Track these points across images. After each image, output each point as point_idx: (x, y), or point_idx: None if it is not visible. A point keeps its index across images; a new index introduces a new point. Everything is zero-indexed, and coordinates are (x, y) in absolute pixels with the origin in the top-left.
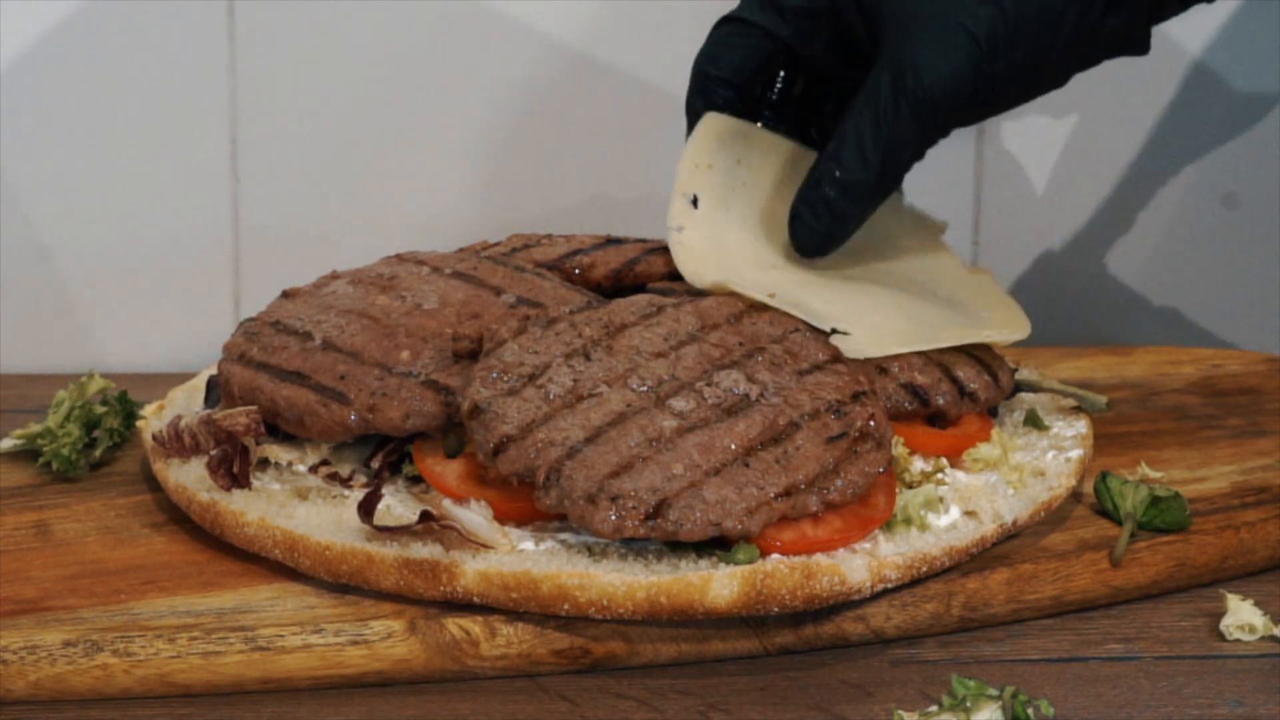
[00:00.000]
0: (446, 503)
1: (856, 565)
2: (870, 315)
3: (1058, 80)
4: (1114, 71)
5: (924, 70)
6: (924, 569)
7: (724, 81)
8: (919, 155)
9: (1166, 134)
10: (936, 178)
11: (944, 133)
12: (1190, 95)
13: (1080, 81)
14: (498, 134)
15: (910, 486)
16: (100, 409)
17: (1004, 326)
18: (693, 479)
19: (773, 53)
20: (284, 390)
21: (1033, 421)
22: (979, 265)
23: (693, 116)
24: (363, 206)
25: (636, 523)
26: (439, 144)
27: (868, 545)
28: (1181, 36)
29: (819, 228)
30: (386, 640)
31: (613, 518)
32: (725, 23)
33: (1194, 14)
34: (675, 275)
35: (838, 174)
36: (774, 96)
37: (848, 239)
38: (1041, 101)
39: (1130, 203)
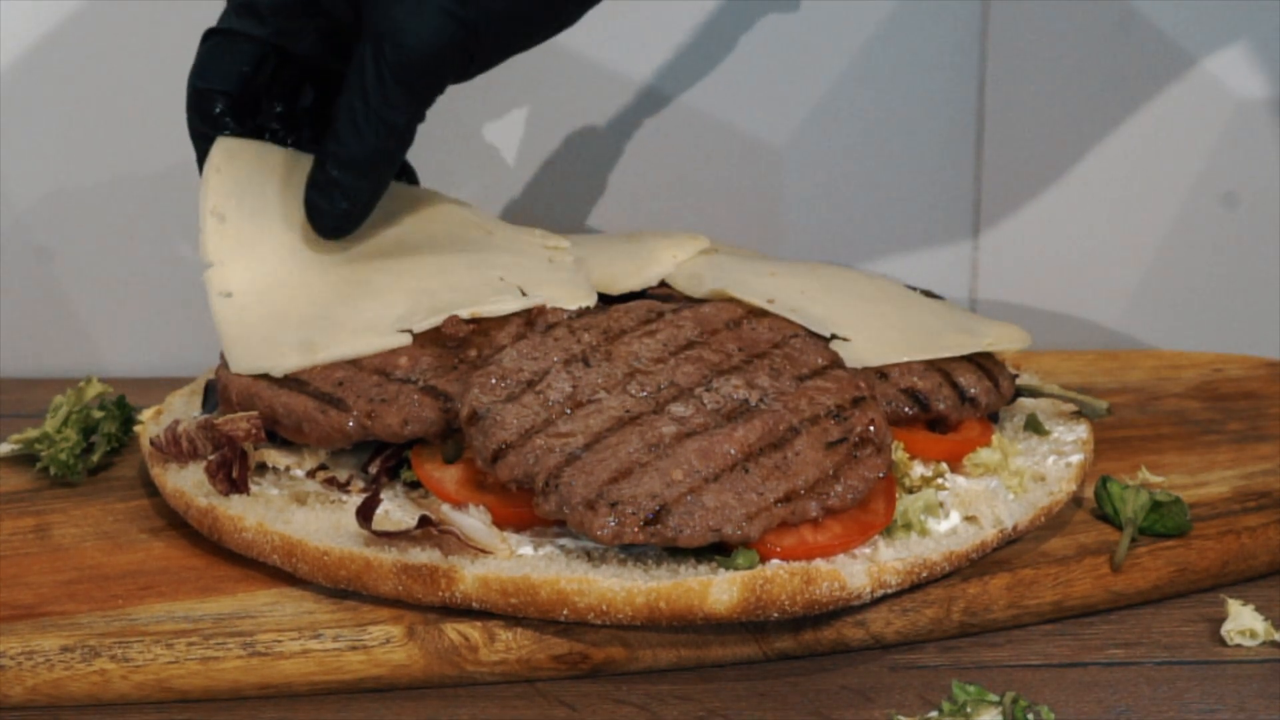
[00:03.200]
0: (445, 508)
1: (856, 570)
2: (870, 322)
3: (563, 17)
4: (1114, 72)
5: (401, 35)
6: (924, 574)
7: (217, 94)
8: (417, 118)
9: (1166, 134)
10: (936, 179)
11: (439, 89)
12: (1190, 95)
13: (1080, 81)
14: (496, 135)
15: (910, 491)
16: (98, 414)
17: (1004, 336)
18: (692, 485)
19: (260, 56)
20: (282, 397)
21: (1033, 426)
22: (979, 269)
23: (196, 138)
24: None
25: (636, 529)
26: (437, 145)
27: (867, 550)
28: (1181, 36)
29: (333, 209)
30: (385, 645)
31: (612, 524)
32: (209, 37)
33: (1194, 14)
34: None
35: (337, 153)
36: (279, 108)
37: (366, 215)
38: (1041, 102)
39: (1130, 203)
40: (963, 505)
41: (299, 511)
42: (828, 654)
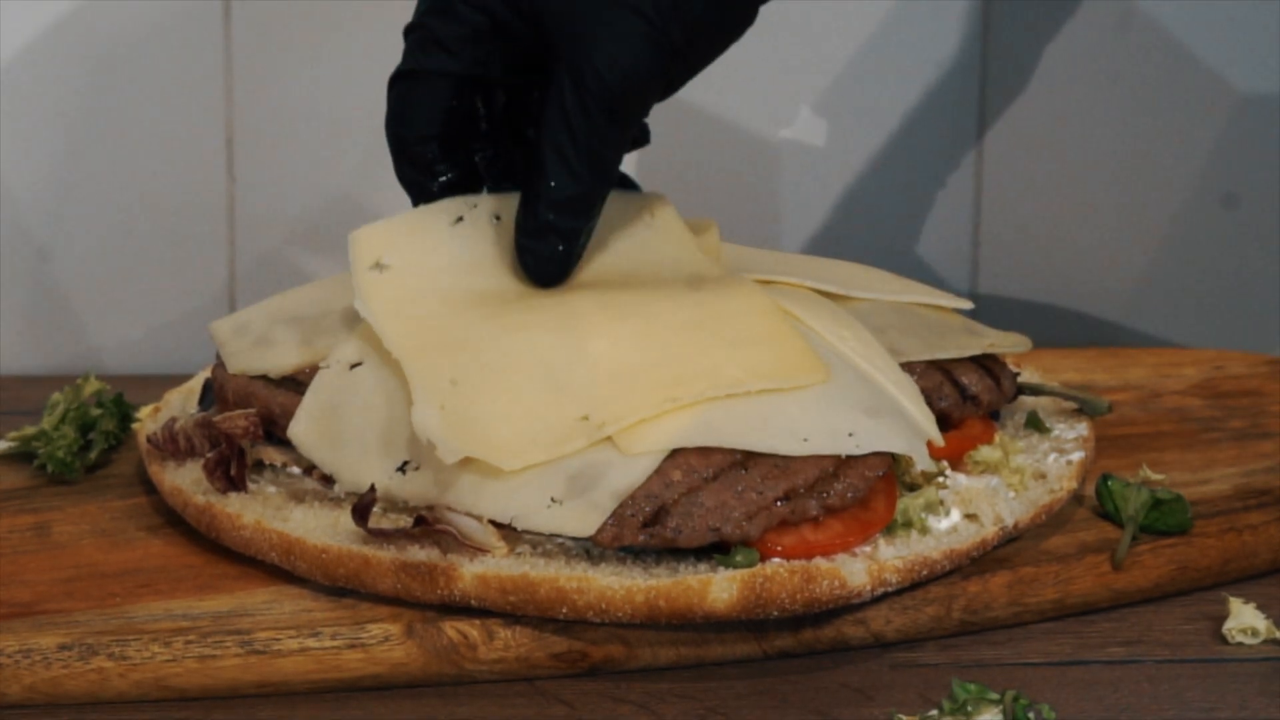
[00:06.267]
0: (441, 507)
1: (856, 568)
2: (869, 321)
3: (745, 22)
4: (1114, 71)
5: (603, 68)
6: (924, 572)
7: (423, 139)
8: (625, 148)
9: (1166, 134)
10: (936, 176)
11: (644, 114)
12: (1190, 95)
13: (1080, 81)
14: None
15: (911, 489)
16: (95, 411)
17: (1005, 339)
18: (691, 485)
19: (457, 91)
20: (279, 397)
21: (1034, 424)
22: (979, 267)
23: (410, 185)
24: (359, 207)
25: (634, 531)
26: None
27: (867, 548)
28: (1182, 36)
29: (549, 253)
30: (383, 644)
31: (611, 526)
32: (399, 80)
33: (1193, 13)
34: None
35: (549, 194)
36: (484, 128)
37: (579, 257)
38: (1041, 100)
39: (1130, 203)
40: (963, 503)
41: (297, 509)
42: (828, 652)
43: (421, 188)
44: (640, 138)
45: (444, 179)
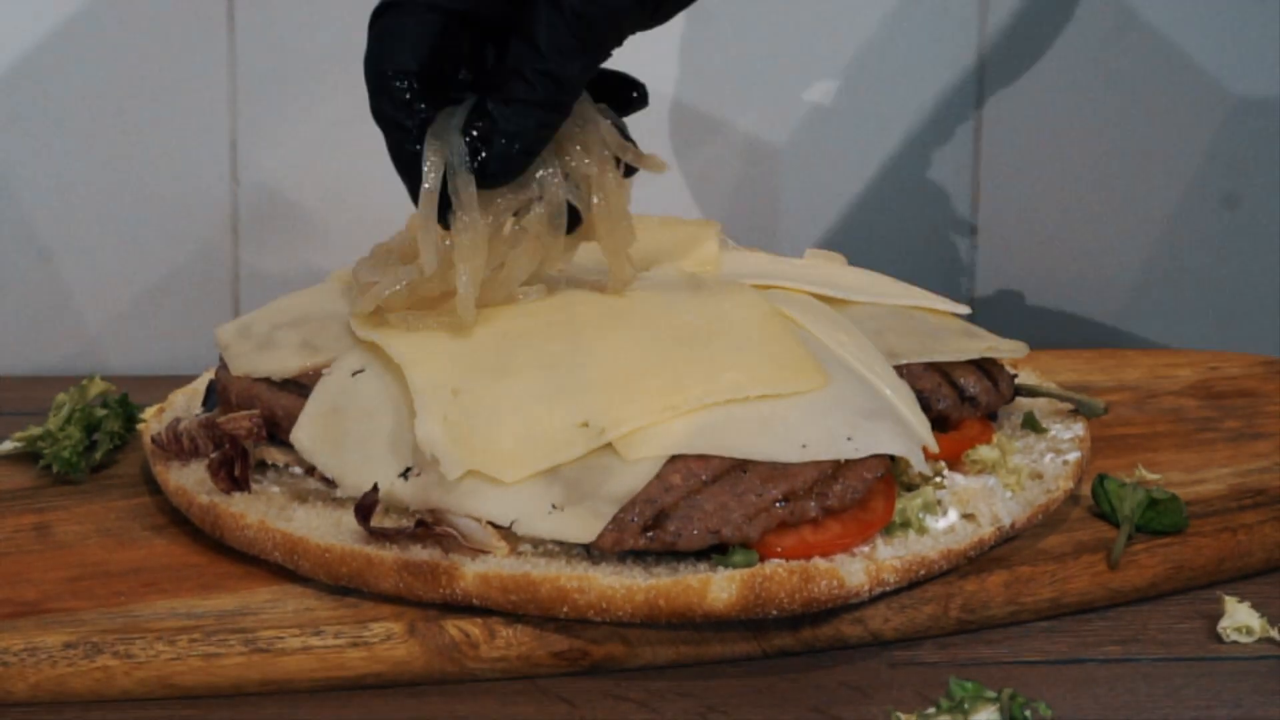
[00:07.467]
0: (443, 510)
1: (854, 568)
2: (867, 325)
3: None
4: (1115, 72)
5: None
6: (922, 572)
7: (401, 73)
8: (591, 69)
9: (1166, 134)
10: (936, 177)
11: (617, 41)
12: (1190, 95)
13: (1078, 82)
14: None
15: (909, 489)
16: (101, 412)
17: (1003, 344)
18: (690, 488)
19: (443, 28)
20: (282, 399)
21: (1030, 424)
22: (976, 268)
23: (386, 124)
24: (362, 209)
25: (635, 535)
26: None
27: (865, 548)
28: (1181, 37)
29: (492, 151)
30: (386, 642)
31: (611, 531)
32: (383, 12)
33: (1191, 14)
34: None
35: (503, 99)
36: (465, 75)
37: (529, 162)
38: (1039, 100)
39: (1130, 203)
40: (961, 503)
41: (300, 509)
42: (826, 651)
43: (399, 125)
44: (639, 98)
45: (422, 117)
